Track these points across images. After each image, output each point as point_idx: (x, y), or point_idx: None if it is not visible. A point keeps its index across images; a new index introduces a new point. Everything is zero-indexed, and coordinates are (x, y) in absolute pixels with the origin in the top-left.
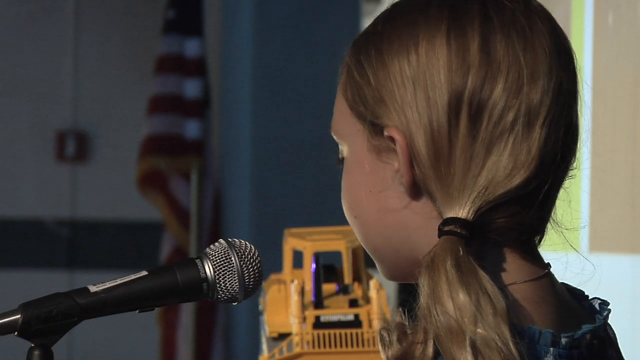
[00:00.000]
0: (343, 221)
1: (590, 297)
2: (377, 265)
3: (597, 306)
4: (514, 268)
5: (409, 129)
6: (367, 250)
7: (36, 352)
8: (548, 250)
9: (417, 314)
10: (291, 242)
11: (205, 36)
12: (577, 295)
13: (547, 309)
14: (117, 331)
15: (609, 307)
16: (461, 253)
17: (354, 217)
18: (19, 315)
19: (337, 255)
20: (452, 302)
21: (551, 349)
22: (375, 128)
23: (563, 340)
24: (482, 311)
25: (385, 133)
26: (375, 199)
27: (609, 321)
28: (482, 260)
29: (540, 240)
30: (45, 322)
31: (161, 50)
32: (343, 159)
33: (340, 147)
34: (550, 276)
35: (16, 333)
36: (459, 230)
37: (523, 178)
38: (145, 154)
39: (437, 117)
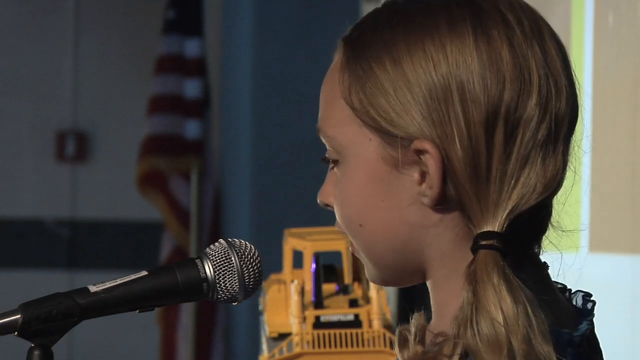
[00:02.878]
0: None
1: (572, 291)
2: (372, 270)
3: (580, 299)
4: (529, 275)
5: (442, 142)
6: (367, 258)
7: (36, 352)
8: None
9: (452, 326)
10: (291, 242)
11: (205, 36)
12: (558, 289)
13: (554, 309)
14: (117, 331)
15: (592, 298)
16: (505, 267)
17: (358, 225)
18: (19, 315)
19: (337, 255)
20: (502, 314)
21: (568, 348)
22: (396, 139)
23: (576, 339)
24: (531, 327)
25: (414, 146)
26: (389, 209)
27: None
28: (519, 272)
29: (539, 248)
30: (45, 322)
31: (161, 50)
32: (334, 161)
33: (328, 148)
34: (549, 276)
35: (16, 333)
36: (497, 245)
37: (551, 192)
38: (145, 154)
39: (475, 131)
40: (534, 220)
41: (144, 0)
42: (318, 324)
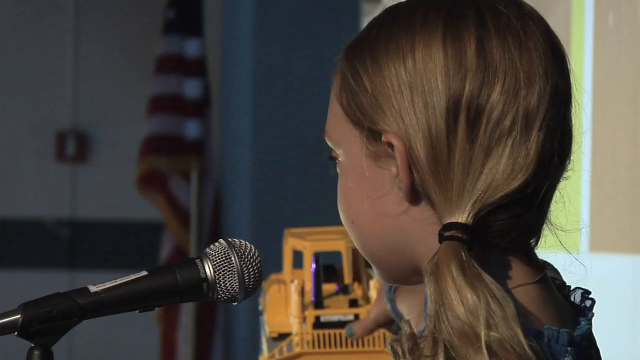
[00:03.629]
0: None
1: (572, 288)
2: (374, 269)
3: (579, 296)
4: (517, 270)
5: (407, 134)
6: (364, 255)
7: (36, 352)
8: (548, 251)
9: (426, 323)
10: (291, 242)
11: (205, 36)
12: (557, 286)
13: (552, 308)
14: (117, 331)
15: (591, 296)
16: (465, 258)
17: (351, 222)
18: (19, 315)
19: (337, 255)
20: (462, 306)
21: (569, 348)
22: (373, 134)
23: (577, 339)
24: (494, 314)
25: (383, 139)
26: (373, 204)
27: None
28: (484, 263)
29: (537, 242)
30: (45, 322)
31: (161, 50)
32: (336, 161)
33: (334, 150)
34: (547, 275)
35: (16, 333)
36: (460, 235)
37: (521, 181)
38: (145, 154)
39: (436, 122)
40: (520, 214)
41: (144, 0)
42: (318, 324)
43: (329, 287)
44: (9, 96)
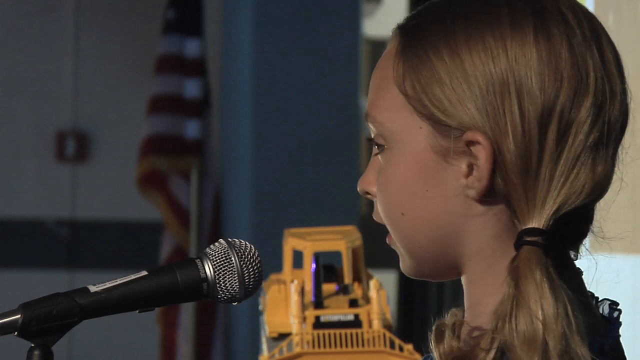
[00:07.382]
0: (343, 221)
1: (600, 298)
2: (405, 260)
3: (607, 307)
4: (570, 277)
5: (495, 135)
6: (404, 248)
7: (36, 352)
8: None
9: (491, 320)
10: (291, 242)
11: (205, 36)
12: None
13: (589, 316)
14: (117, 331)
15: (618, 307)
16: (548, 265)
17: (400, 214)
18: (19, 315)
19: (337, 255)
20: (542, 313)
21: (600, 357)
22: (446, 128)
23: (606, 347)
24: (570, 326)
25: (467, 137)
26: (432, 199)
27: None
28: (560, 272)
29: (577, 250)
30: (45, 322)
31: (161, 50)
32: (377, 145)
33: (375, 134)
34: (584, 282)
35: (16, 333)
36: (542, 242)
37: (597, 194)
38: (145, 154)
39: (529, 127)
40: (576, 223)
41: (144, 0)
42: (318, 324)
43: (329, 287)
44: (9, 96)
